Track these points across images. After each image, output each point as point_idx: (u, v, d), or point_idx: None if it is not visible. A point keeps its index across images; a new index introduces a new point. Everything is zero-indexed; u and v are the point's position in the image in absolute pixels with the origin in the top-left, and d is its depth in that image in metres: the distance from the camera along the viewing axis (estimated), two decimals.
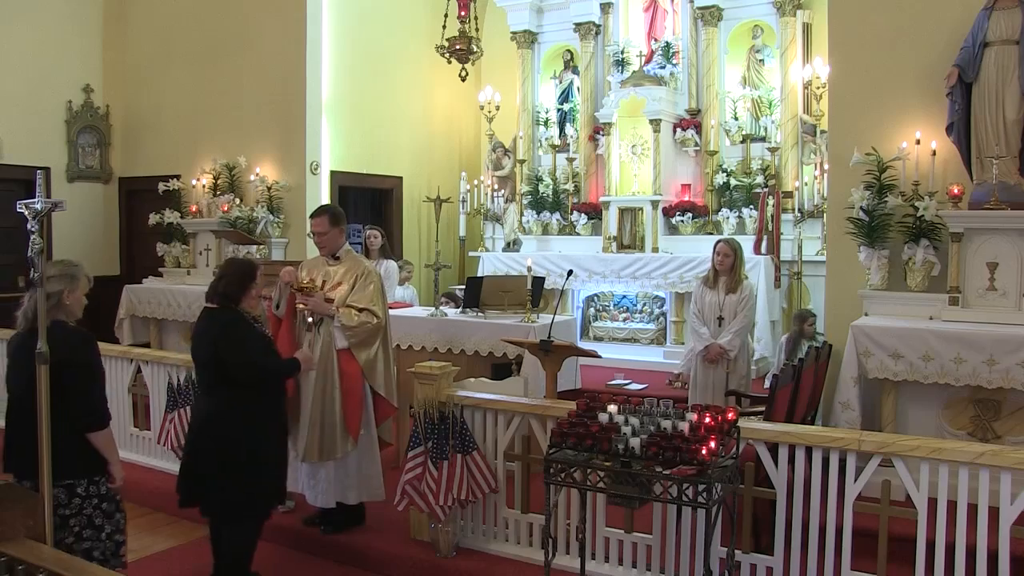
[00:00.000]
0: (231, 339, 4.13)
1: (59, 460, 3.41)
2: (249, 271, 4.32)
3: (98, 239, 10.55)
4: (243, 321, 4.23)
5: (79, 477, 3.57)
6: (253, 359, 4.16)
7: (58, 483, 3.45)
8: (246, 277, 4.26)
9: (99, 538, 3.64)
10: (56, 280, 3.59)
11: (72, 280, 3.64)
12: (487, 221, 10.96)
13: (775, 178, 9.08)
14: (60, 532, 3.48)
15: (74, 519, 3.56)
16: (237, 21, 9.62)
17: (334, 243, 4.98)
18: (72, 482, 3.55)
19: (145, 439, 6.30)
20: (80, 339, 3.64)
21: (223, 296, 4.22)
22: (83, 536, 3.59)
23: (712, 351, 5.90)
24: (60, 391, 3.40)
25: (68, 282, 3.62)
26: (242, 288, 4.23)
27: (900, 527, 3.86)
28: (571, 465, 3.54)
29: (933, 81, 5.46)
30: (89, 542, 3.60)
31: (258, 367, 4.17)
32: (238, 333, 4.15)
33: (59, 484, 3.47)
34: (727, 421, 3.53)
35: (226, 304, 4.22)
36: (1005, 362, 4.74)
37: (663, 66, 9.75)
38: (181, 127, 10.11)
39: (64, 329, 3.58)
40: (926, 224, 5.40)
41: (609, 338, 9.38)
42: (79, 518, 3.58)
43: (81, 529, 3.59)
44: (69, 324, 3.65)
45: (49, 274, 3.53)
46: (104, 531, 3.66)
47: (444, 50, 7.62)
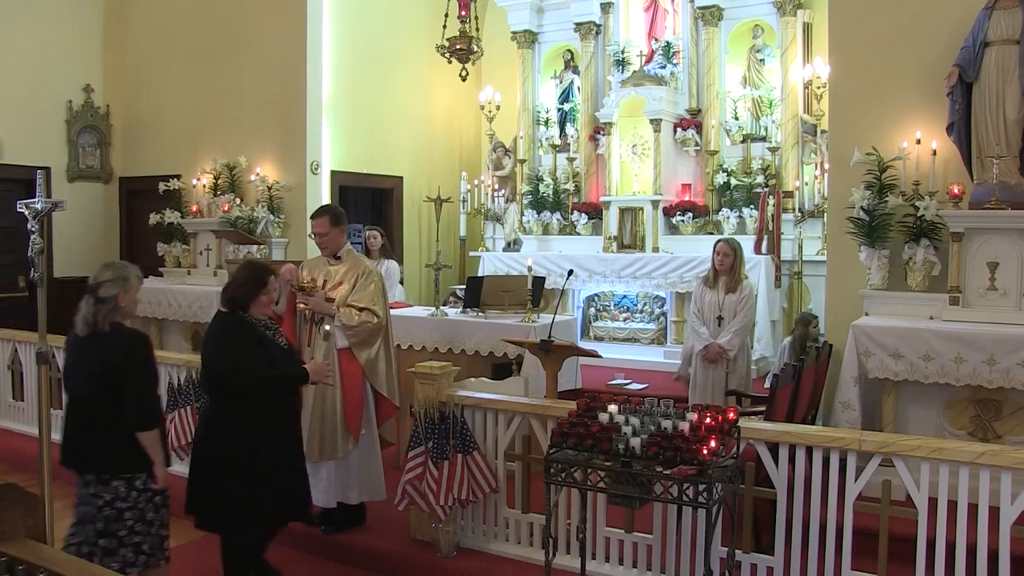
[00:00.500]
0: (224, 347, 4.01)
1: (121, 454, 3.65)
2: (260, 277, 4.14)
3: (98, 239, 10.55)
4: (244, 329, 4.06)
5: (139, 471, 3.71)
6: (244, 368, 3.95)
7: (119, 476, 3.66)
8: (257, 283, 4.10)
9: (149, 532, 3.79)
10: (110, 284, 3.70)
11: (125, 282, 3.75)
12: (487, 221, 10.96)
13: (775, 178, 9.08)
14: (115, 524, 3.67)
15: (129, 512, 3.71)
16: (237, 21, 9.63)
17: (335, 243, 4.99)
18: (131, 476, 3.70)
19: None
20: (137, 339, 3.79)
21: (231, 300, 4.09)
22: (135, 530, 3.73)
23: (711, 351, 5.90)
24: (117, 387, 3.59)
25: (121, 284, 3.73)
26: (251, 294, 4.08)
27: (900, 527, 3.86)
28: (571, 465, 3.54)
29: (933, 81, 5.45)
30: (140, 536, 3.75)
31: (253, 378, 3.97)
32: (233, 342, 4.01)
33: (120, 477, 3.67)
34: (727, 421, 3.53)
35: (233, 309, 4.09)
36: (1005, 362, 4.74)
37: (663, 66, 9.74)
38: (181, 127, 10.12)
39: (122, 330, 3.74)
40: (926, 224, 5.40)
41: (609, 338, 9.38)
42: (134, 511, 3.72)
43: (135, 523, 3.73)
44: (126, 325, 3.79)
45: (103, 278, 3.69)
46: (154, 525, 3.81)
47: (444, 50, 7.62)
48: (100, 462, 3.67)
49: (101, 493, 3.69)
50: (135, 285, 3.81)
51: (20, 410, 7.30)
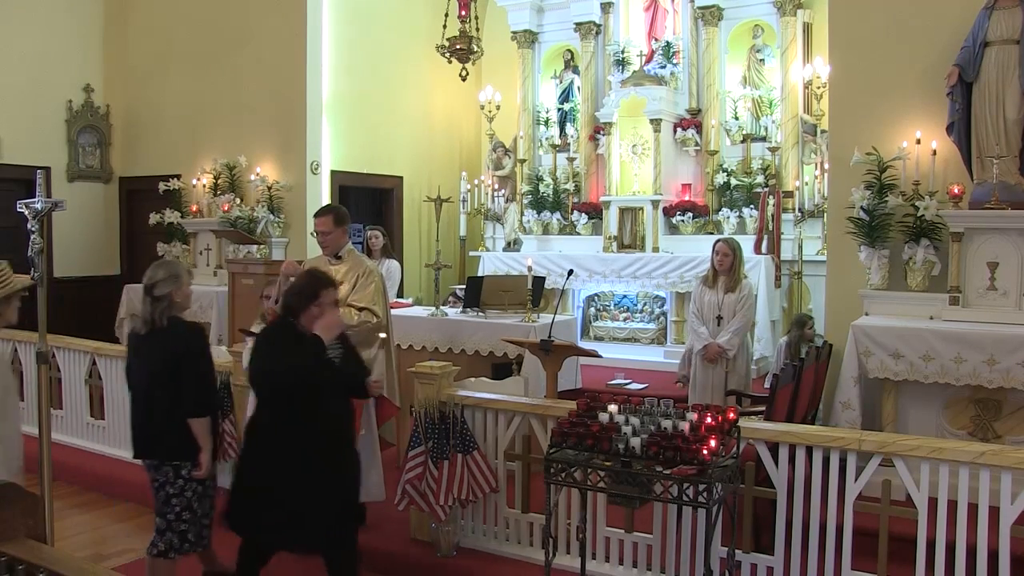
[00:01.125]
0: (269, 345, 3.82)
1: (172, 442, 3.88)
2: (313, 288, 3.85)
3: (98, 239, 10.55)
4: (288, 332, 3.81)
5: (185, 460, 3.91)
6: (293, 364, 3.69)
7: (168, 463, 3.90)
8: (308, 294, 3.82)
9: (194, 521, 3.99)
10: (164, 283, 3.90)
11: (177, 280, 3.95)
12: (487, 221, 10.96)
13: (775, 178, 9.08)
14: (164, 507, 3.93)
15: (176, 499, 3.93)
16: (237, 21, 9.63)
17: (337, 243, 4.99)
18: (179, 464, 3.91)
19: None
20: (196, 331, 4.06)
21: (283, 306, 3.92)
22: (182, 518, 3.94)
23: (710, 350, 5.90)
24: (178, 378, 3.82)
25: (174, 282, 3.93)
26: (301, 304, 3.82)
27: (900, 527, 3.86)
28: (571, 465, 3.54)
29: (933, 81, 5.45)
30: (185, 524, 3.96)
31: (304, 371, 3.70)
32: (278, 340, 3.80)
33: (168, 464, 3.91)
34: (727, 421, 3.53)
35: (285, 315, 3.88)
36: (1005, 362, 4.74)
37: (663, 66, 9.74)
38: (181, 127, 10.12)
39: (180, 323, 3.97)
40: (926, 224, 5.40)
41: (609, 338, 9.38)
42: (180, 499, 3.93)
43: (181, 511, 3.95)
44: (183, 319, 4.01)
45: (157, 278, 3.90)
46: (198, 513, 4.01)
47: (444, 50, 7.62)
48: (154, 448, 3.93)
49: (156, 476, 3.95)
50: (186, 281, 4.02)
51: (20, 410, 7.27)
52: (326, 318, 3.84)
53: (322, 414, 3.77)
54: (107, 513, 5.65)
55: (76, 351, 6.82)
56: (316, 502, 3.74)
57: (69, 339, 6.91)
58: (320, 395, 3.75)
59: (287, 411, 3.74)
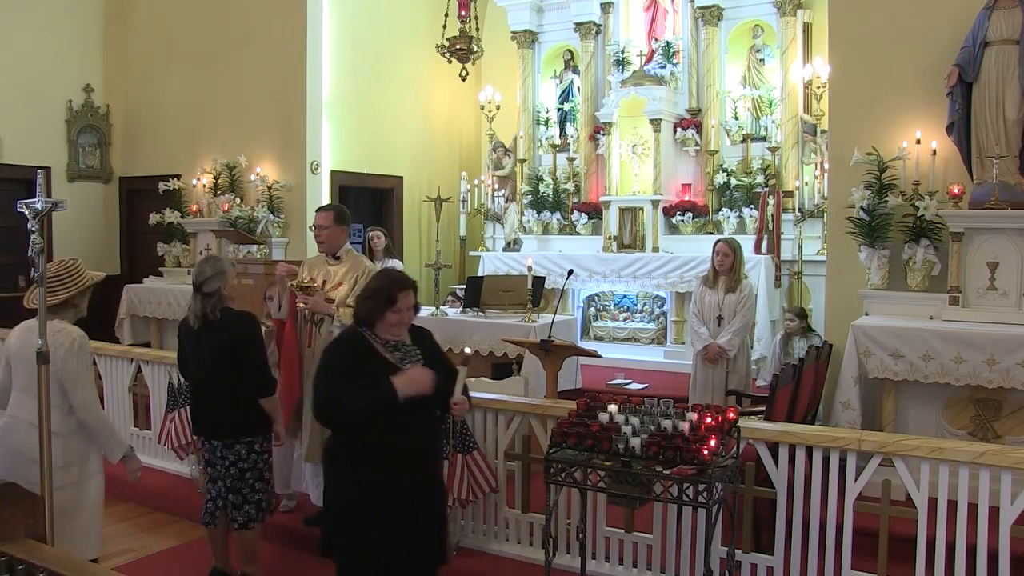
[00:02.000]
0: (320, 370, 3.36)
1: (241, 421, 4.19)
2: (388, 290, 3.33)
3: (98, 239, 10.55)
4: (350, 349, 3.34)
5: (256, 435, 4.25)
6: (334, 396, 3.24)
7: (240, 441, 4.20)
8: (383, 298, 3.33)
9: (265, 490, 4.34)
10: (213, 280, 4.15)
11: (223, 275, 4.19)
12: (487, 221, 10.96)
13: (775, 178, 9.07)
14: (238, 483, 4.22)
15: (250, 472, 4.24)
16: (237, 21, 9.63)
17: (334, 240, 4.98)
18: (251, 440, 4.23)
19: (146, 439, 6.30)
20: (250, 319, 4.29)
21: (354, 315, 3.45)
22: (256, 488, 4.27)
23: (711, 350, 5.90)
24: (239, 363, 4.11)
25: (221, 277, 4.17)
26: (374, 310, 3.34)
27: (900, 527, 3.86)
28: (571, 465, 3.54)
29: (933, 81, 5.45)
30: (260, 493, 4.28)
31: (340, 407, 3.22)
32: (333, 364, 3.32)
33: (241, 441, 4.21)
34: (727, 421, 3.53)
35: (357, 324, 3.41)
36: (1005, 362, 4.74)
37: (663, 66, 9.74)
38: (181, 127, 10.12)
39: (233, 313, 4.22)
40: (926, 224, 5.40)
41: (609, 338, 9.38)
42: (254, 472, 4.25)
43: (255, 481, 4.26)
44: (233, 308, 4.25)
45: (205, 275, 4.14)
46: (269, 483, 4.39)
47: (444, 50, 7.62)
48: (225, 429, 4.21)
49: (226, 455, 4.22)
50: (231, 272, 4.26)
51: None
52: (410, 374, 3.23)
53: (397, 438, 3.26)
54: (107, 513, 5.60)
55: None
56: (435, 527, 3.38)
57: None
58: (391, 425, 3.23)
59: (360, 442, 3.28)
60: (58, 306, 3.60)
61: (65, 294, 3.60)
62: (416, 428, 3.31)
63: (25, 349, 3.53)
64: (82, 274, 3.67)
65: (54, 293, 3.56)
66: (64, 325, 3.61)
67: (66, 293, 3.61)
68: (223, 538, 4.38)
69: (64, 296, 3.61)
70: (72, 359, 3.54)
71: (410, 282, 3.43)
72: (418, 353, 3.41)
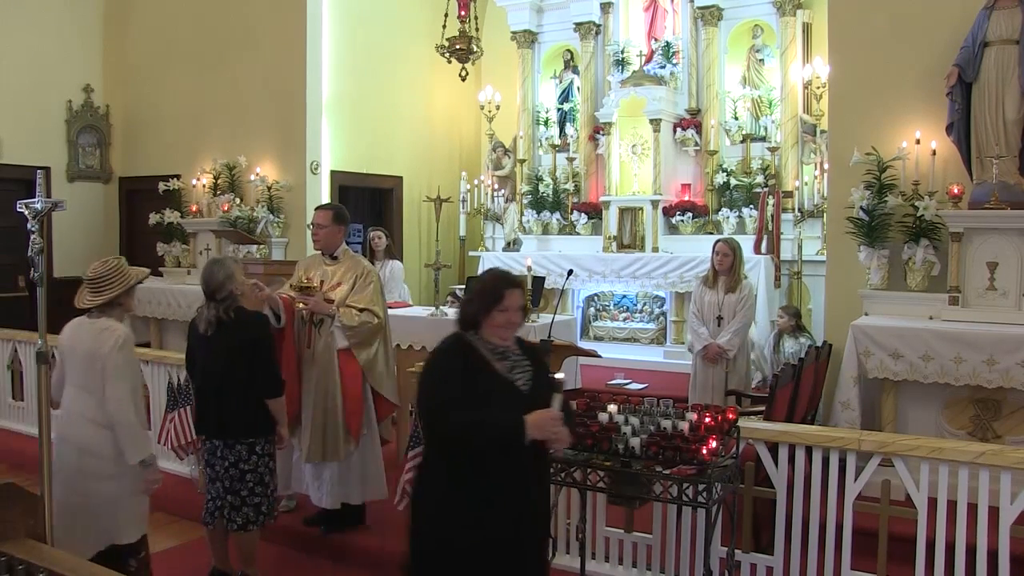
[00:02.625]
0: (424, 375, 3.02)
1: (244, 421, 4.20)
2: (494, 289, 2.97)
3: (98, 239, 10.54)
4: (455, 353, 2.97)
5: (258, 436, 4.25)
6: (438, 402, 2.90)
7: (241, 441, 4.22)
8: (488, 297, 2.97)
9: (266, 493, 4.32)
10: (224, 284, 4.20)
11: (232, 277, 4.23)
12: (487, 221, 10.96)
13: (775, 178, 9.08)
14: (237, 483, 4.22)
15: (250, 475, 4.24)
16: (237, 21, 9.62)
17: (331, 240, 4.96)
18: (252, 441, 4.24)
19: None
20: (262, 321, 4.41)
21: (459, 317, 3.08)
22: (255, 492, 4.26)
23: (710, 350, 5.90)
24: (252, 364, 4.16)
25: (231, 280, 4.22)
26: (478, 310, 2.99)
27: (900, 527, 3.86)
28: (571, 465, 3.54)
29: (933, 81, 5.46)
30: (259, 497, 4.28)
31: (444, 417, 2.85)
32: (437, 369, 2.99)
33: (242, 442, 4.22)
34: (727, 421, 3.54)
35: (463, 328, 3.04)
36: (1005, 362, 4.75)
37: (663, 66, 9.75)
38: (181, 127, 10.11)
39: (245, 314, 4.28)
40: (926, 224, 5.40)
41: (609, 338, 9.38)
42: (254, 475, 4.24)
43: (254, 485, 4.26)
44: (245, 308, 4.31)
45: (217, 281, 4.17)
46: (269, 487, 4.35)
47: (444, 50, 7.62)
48: (226, 429, 4.21)
49: (227, 455, 4.21)
50: (239, 269, 4.31)
51: (20, 410, 7.28)
52: (542, 417, 2.82)
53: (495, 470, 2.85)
54: None
55: None
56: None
57: None
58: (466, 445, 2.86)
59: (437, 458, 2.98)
60: (104, 305, 3.70)
61: (111, 293, 3.70)
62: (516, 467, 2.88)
63: (78, 346, 3.71)
64: (127, 273, 3.76)
65: (100, 292, 3.68)
66: (111, 323, 3.71)
67: (112, 292, 3.70)
68: (222, 538, 4.38)
69: (110, 295, 3.70)
70: (115, 354, 3.63)
71: (517, 281, 3.09)
72: (528, 366, 3.03)
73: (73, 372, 3.76)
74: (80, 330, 3.75)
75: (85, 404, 3.65)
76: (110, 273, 3.72)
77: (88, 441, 3.62)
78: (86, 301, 3.72)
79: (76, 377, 3.73)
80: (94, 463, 3.62)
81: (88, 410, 3.64)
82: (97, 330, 3.67)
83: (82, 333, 3.71)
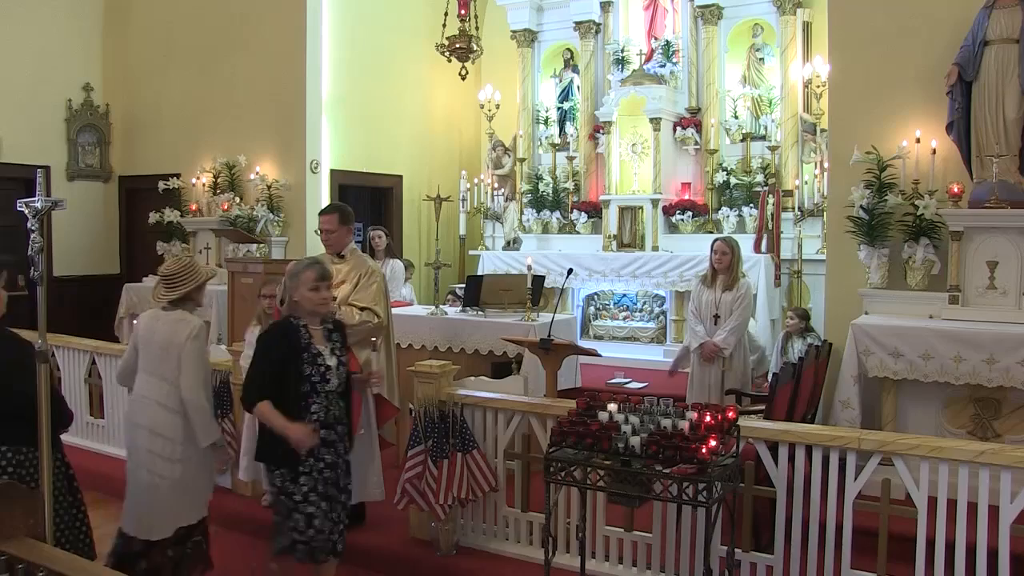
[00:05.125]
0: None
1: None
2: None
3: (98, 238, 10.55)
4: None
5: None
6: None
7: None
8: None
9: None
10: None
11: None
12: (487, 220, 10.96)
13: (775, 177, 9.08)
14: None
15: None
16: (237, 20, 9.62)
17: (340, 241, 4.98)
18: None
19: None
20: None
21: None
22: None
23: (707, 349, 5.89)
24: None
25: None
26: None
27: (900, 526, 3.86)
28: (571, 464, 3.54)
29: (933, 80, 5.45)
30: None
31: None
32: None
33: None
34: (727, 420, 3.53)
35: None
36: (1005, 361, 4.75)
37: (663, 65, 9.74)
38: (181, 126, 10.11)
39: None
40: (926, 223, 5.40)
41: (609, 337, 9.38)
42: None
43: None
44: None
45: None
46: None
47: (444, 49, 7.62)
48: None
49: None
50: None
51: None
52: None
53: None
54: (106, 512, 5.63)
55: (76, 350, 6.80)
56: None
57: (69, 338, 6.89)
58: None
59: None
60: (178, 300, 3.97)
61: (184, 289, 3.96)
62: None
63: (154, 336, 3.96)
64: (197, 270, 4.03)
65: (175, 288, 3.95)
66: (185, 315, 3.96)
67: (185, 288, 3.96)
68: None
69: (183, 291, 3.96)
70: (190, 344, 3.87)
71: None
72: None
73: (147, 359, 3.98)
74: (156, 321, 3.98)
75: (158, 390, 3.89)
76: (183, 271, 3.98)
77: (159, 424, 3.87)
78: (160, 296, 3.98)
79: (150, 364, 3.95)
80: (164, 445, 3.86)
81: (160, 396, 3.88)
82: (173, 321, 3.92)
83: (158, 324, 3.95)
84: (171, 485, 3.87)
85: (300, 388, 3.73)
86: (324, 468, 3.79)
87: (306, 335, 3.81)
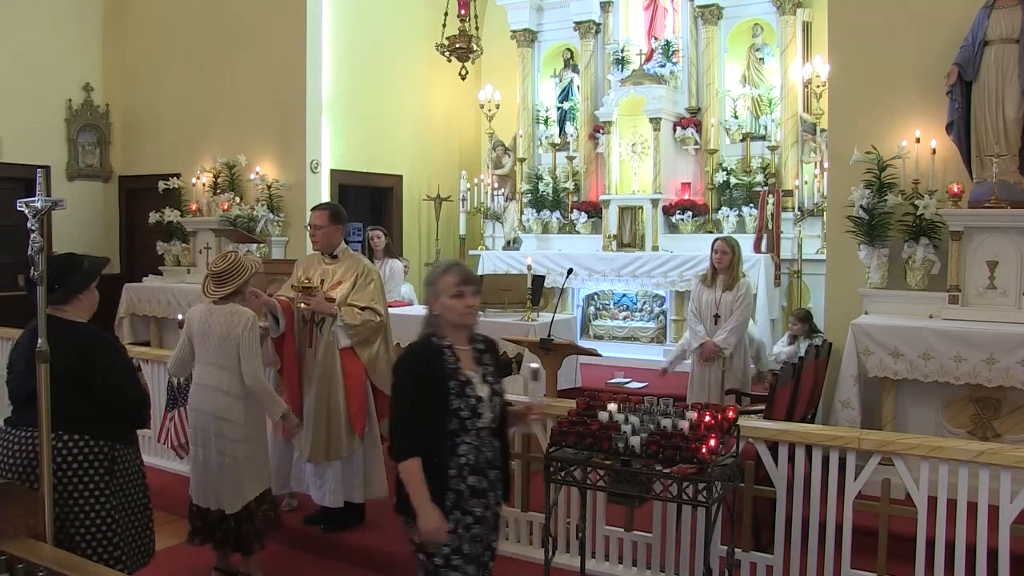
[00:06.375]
0: None
1: None
2: None
3: (98, 238, 10.54)
4: None
5: None
6: None
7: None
8: None
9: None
10: None
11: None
12: (487, 219, 10.96)
13: (775, 176, 9.07)
14: None
15: None
16: (237, 20, 9.62)
17: (329, 240, 4.94)
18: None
19: (145, 437, 6.27)
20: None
21: None
22: None
23: (706, 348, 5.89)
24: None
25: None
26: None
27: (900, 525, 3.86)
28: (571, 463, 3.54)
29: (933, 79, 5.46)
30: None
31: None
32: None
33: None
34: (727, 419, 3.53)
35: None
36: (1005, 360, 4.75)
37: (663, 64, 9.74)
38: (181, 125, 10.11)
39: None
40: (926, 222, 5.40)
41: (609, 336, 9.38)
42: None
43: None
44: None
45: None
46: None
47: (444, 48, 7.62)
48: None
49: None
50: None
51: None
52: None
53: None
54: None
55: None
56: None
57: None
58: None
59: None
60: (229, 294, 4.27)
61: (235, 284, 4.27)
62: None
63: (209, 329, 4.27)
64: (244, 265, 4.33)
65: (225, 284, 4.26)
66: (237, 308, 4.27)
67: (235, 284, 4.27)
68: None
69: (234, 287, 4.27)
70: (247, 335, 4.19)
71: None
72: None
73: (205, 351, 4.30)
74: (211, 315, 4.27)
75: (219, 378, 4.24)
76: (231, 267, 4.28)
77: (223, 410, 4.23)
78: (212, 292, 4.27)
79: (209, 356, 4.28)
80: (229, 427, 4.22)
81: (223, 383, 4.23)
82: (227, 314, 4.22)
83: (213, 318, 4.25)
84: (239, 461, 4.23)
85: (446, 426, 2.97)
86: (472, 523, 3.05)
87: (452, 358, 3.03)
